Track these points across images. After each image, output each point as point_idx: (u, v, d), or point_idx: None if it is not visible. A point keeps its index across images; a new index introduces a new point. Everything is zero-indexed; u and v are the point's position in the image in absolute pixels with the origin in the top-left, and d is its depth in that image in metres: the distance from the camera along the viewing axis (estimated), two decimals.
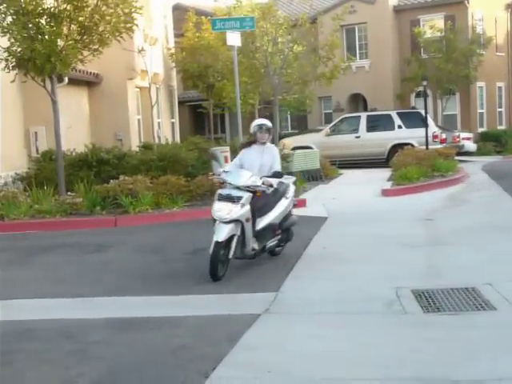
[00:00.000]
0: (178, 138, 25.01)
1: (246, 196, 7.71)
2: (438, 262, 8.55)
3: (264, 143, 8.44)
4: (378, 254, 9.06)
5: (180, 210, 13.04)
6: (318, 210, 13.49)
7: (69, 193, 13.91)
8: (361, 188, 17.19)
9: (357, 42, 32.29)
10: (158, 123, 22.60)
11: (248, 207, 7.71)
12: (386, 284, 7.31)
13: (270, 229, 8.20)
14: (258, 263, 8.31)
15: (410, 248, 9.38)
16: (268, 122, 8.54)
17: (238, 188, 7.75)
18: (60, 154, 14.33)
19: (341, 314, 6.45)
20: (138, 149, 18.44)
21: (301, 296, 7.14)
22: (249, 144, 8.61)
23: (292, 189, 8.84)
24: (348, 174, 21.15)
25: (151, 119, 20.88)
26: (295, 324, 6.20)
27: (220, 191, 7.89)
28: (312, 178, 18.65)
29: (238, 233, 7.67)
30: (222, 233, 7.50)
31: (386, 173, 19.64)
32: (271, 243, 8.39)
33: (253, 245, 7.90)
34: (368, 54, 32.01)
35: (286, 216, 8.55)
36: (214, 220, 7.68)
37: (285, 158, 17.69)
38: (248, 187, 7.77)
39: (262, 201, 7.97)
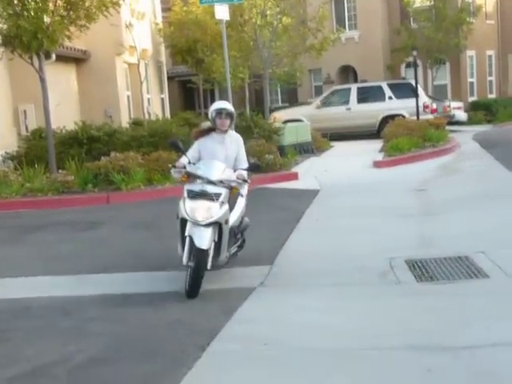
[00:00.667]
0: (168, 114, 24.89)
1: (225, 193, 6.41)
2: (430, 231, 8.59)
3: (225, 131, 6.92)
4: (371, 225, 9.08)
5: (172, 185, 12.99)
6: (309, 182, 13.50)
7: (60, 171, 13.84)
8: (352, 160, 17.20)
9: (346, 13, 32.09)
10: (148, 99, 22.48)
11: (227, 206, 6.42)
12: (380, 255, 7.34)
13: (232, 232, 6.82)
14: (251, 237, 8.29)
15: (402, 218, 9.41)
16: (229, 106, 7.01)
17: (211, 183, 6.40)
18: (50, 131, 14.24)
19: (335, 286, 6.48)
20: (128, 125, 18.37)
21: (295, 268, 7.17)
22: (206, 132, 6.99)
23: (246, 185, 7.02)
24: (339, 147, 21.15)
25: (141, 95, 20.75)
26: (290, 296, 6.23)
27: (189, 187, 6.45)
28: (303, 150, 18.62)
29: (216, 238, 6.36)
30: (204, 238, 6.17)
31: (377, 144, 19.65)
32: (233, 250, 7.00)
33: (226, 252, 6.59)
34: (357, 25, 31.83)
35: (242, 218, 7.10)
36: (183, 221, 6.33)
37: (276, 132, 17.67)
38: (221, 182, 6.46)
39: (230, 199, 6.64)
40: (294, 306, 5.91)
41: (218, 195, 6.33)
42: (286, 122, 21.15)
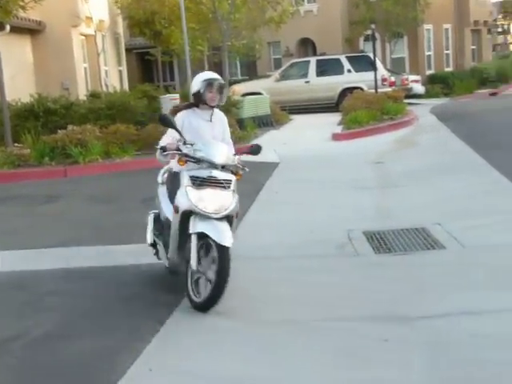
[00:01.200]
0: (126, 87, 24.58)
1: (234, 179, 5.33)
2: (388, 203, 8.68)
3: (212, 107, 5.64)
4: (330, 198, 9.14)
5: (131, 159, 12.91)
6: (269, 155, 13.43)
7: (15, 144, 13.62)
8: (311, 133, 17.22)
9: None
10: (105, 71, 22.16)
11: (237, 196, 5.37)
12: (338, 227, 7.40)
13: None
14: None
15: (360, 191, 9.49)
16: (220, 77, 5.68)
17: (215, 167, 5.25)
18: (5, 104, 13.97)
19: (294, 258, 6.52)
20: (85, 98, 18.09)
21: (254, 241, 7.18)
22: (187, 107, 5.75)
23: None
24: (298, 119, 21.16)
25: (98, 67, 20.44)
26: (248, 269, 6.24)
27: (192, 172, 5.22)
28: (263, 123, 18.60)
29: None
30: (226, 233, 5.06)
31: (336, 117, 19.70)
32: None
33: None
34: None
35: None
36: (185, 216, 5.16)
37: (235, 105, 17.60)
38: (223, 167, 5.32)
39: None
40: (253, 279, 5.94)
41: (228, 182, 5.25)
42: (245, 94, 21.07)
